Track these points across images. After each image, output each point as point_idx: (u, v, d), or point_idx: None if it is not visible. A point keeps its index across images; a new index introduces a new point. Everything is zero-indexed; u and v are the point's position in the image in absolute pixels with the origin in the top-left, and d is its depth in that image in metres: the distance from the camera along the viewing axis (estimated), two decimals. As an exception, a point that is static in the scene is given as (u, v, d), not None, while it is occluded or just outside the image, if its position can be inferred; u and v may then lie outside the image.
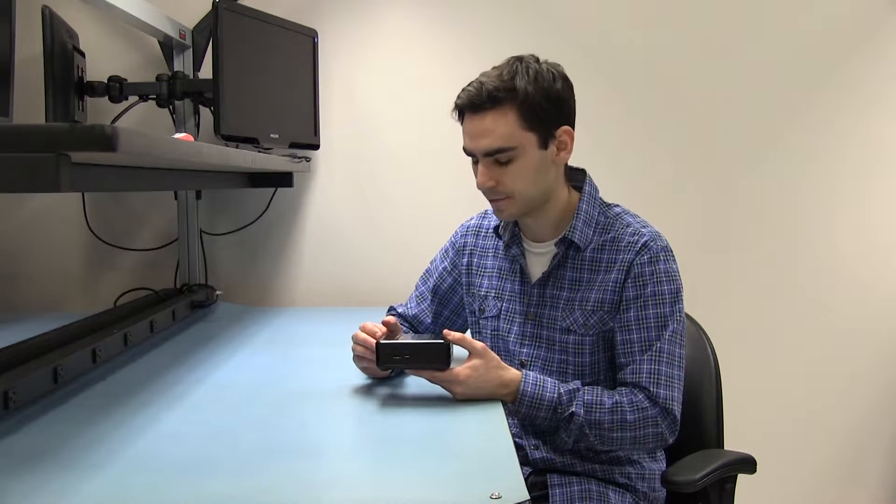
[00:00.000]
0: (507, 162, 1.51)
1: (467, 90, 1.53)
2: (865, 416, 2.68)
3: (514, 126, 1.50)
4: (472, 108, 1.52)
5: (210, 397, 1.52)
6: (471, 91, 1.52)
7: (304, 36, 2.42)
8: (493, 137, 1.50)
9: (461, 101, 1.54)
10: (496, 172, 1.52)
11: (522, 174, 1.52)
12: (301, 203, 2.59)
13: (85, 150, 0.98)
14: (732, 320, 2.55)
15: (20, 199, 2.52)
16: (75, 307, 2.50)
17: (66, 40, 1.99)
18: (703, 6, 2.54)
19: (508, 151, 1.51)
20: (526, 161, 1.52)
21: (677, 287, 1.56)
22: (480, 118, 1.51)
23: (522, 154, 1.51)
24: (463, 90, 1.54)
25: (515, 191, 1.53)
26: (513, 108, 1.49)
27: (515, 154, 1.51)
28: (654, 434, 1.49)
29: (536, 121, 1.51)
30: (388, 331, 1.52)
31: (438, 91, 2.52)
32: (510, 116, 1.49)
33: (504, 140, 1.50)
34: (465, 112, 1.54)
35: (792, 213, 2.61)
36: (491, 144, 1.50)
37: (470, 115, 1.53)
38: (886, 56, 2.56)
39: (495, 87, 1.49)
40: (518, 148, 1.51)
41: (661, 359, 1.51)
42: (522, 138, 1.51)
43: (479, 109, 1.51)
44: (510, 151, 1.51)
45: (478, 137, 1.51)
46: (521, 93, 1.49)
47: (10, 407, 1.33)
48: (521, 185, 1.53)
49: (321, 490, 1.11)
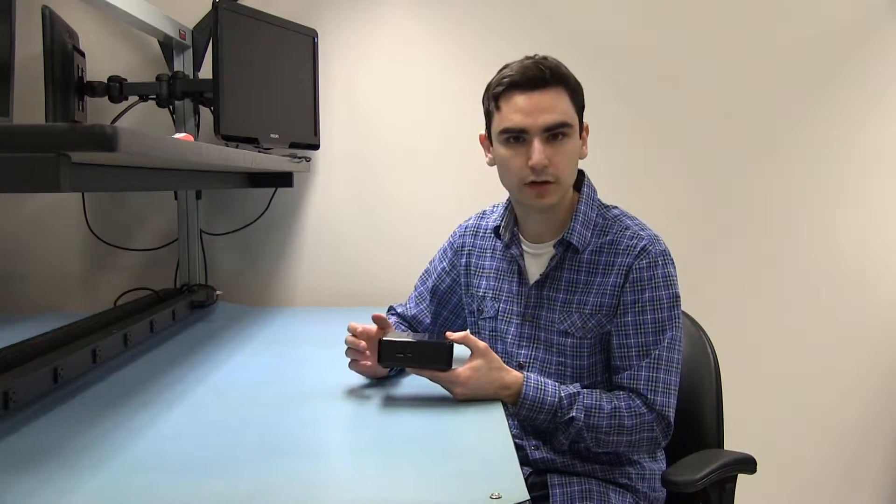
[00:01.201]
0: (561, 141, 1.52)
1: (521, 69, 1.52)
2: (865, 416, 2.68)
3: (569, 106, 1.53)
4: (531, 85, 1.51)
5: (210, 397, 1.52)
6: (528, 68, 1.51)
7: (304, 36, 2.42)
8: (556, 112, 1.51)
9: (516, 78, 1.52)
10: (549, 152, 1.52)
11: (571, 156, 1.55)
12: (301, 203, 2.59)
13: (85, 150, 0.98)
14: (732, 320, 2.55)
15: (20, 199, 2.52)
16: (75, 307, 2.49)
17: (66, 40, 1.99)
18: (703, 6, 2.54)
19: (567, 127, 1.52)
20: (574, 143, 1.55)
21: (675, 292, 1.55)
22: (541, 94, 1.51)
23: (573, 135, 1.54)
24: (509, 71, 1.53)
25: (562, 174, 1.54)
26: (567, 90, 1.54)
27: (570, 132, 1.53)
28: (648, 438, 1.51)
29: (578, 108, 1.56)
30: (380, 328, 1.52)
31: (438, 91, 2.54)
32: (566, 97, 1.53)
33: (566, 116, 1.52)
34: (519, 89, 1.52)
35: (792, 213, 2.61)
36: (556, 118, 1.51)
37: (527, 91, 1.51)
38: (887, 56, 2.56)
39: (555, 66, 1.53)
40: (574, 127, 1.54)
41: (658, 366, 1.51)
42: (574, 119, 1.54)
43: (540, 85, 1.51)
44: (568, 128, 1.52)
45: (538, 113, 1.51)
46: (571, 80, 1.54)
47: (10, 407, 1.33)
48: (568, 169, 1.55)
49: (321, 490, 1.11)
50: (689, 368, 1.70)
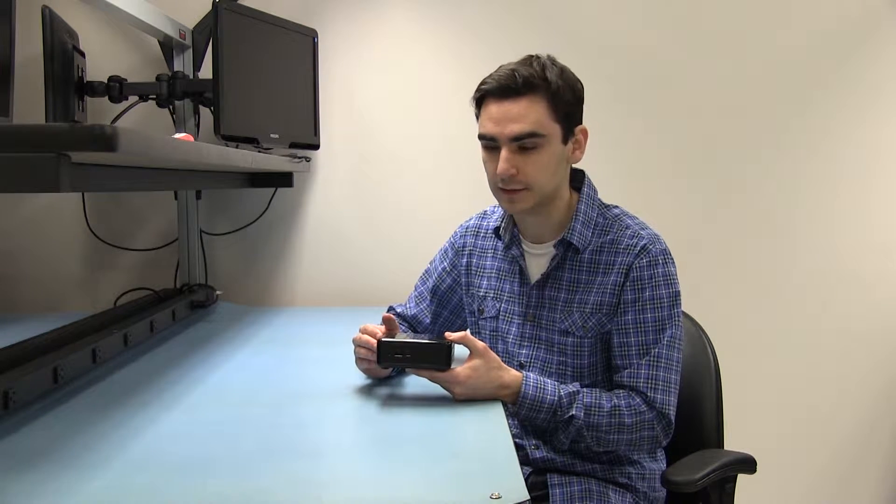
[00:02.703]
0: (532, 150, 1.51)
1: (497, 76, 1.52)
2: (865, 416, 2.68)
3: (544, 114, 1.51)
4: (503, 93, 1.51)
5: (210, 397, 1.52)
6: (502, 76, 1.51)
7: (304, 36, 2.42)
8: (525, 122, 1.50)
9: (490, 85, 1.52)
10: (518, 160, 1.51)
11: (544, 165, 1.53)
12: (301, 203, 2.59)
13: (85, 150, 0.98)
14: (732, 320, 2.55)
15: (20, 199, 2.52)
16: (75, 307, 2.50)
17: (66, 40, 1.99)
18: (703, 6, 2.54)
19: (537, 138, 1.51)
20: (549, 152, 1.52)
21: (676, 291, 1.56)
22: (512, 103, 1.50)
23: (548, 144, 1.52)
24: (489, 77, 1.53)
25: (534, 182, 1.53)
26: (545, 97, 1.51)
27: (542, 142, 1.51)
28: (649, 437, 1.51)
29: (563, 114, 1.53)
30: (387, 329, 1.52)
31: (438, 91, 2.54)
32: (541, 105, 1.51)
33: (536, 125, 1.50)
34: (493, 97, 1.52)
35: (792, 213, 2.61)
36: (523, 129, 1.50)
37: (499, 100, 1.52)
38: (886, 56, 2.56)
39: (530, 73, 1.50)
40: (546, 136, 1.51)
41: (658, 364, 1.51)
42: (551, 128, 1.52)
43: (511, 94, 1.50)
44: (538, 138, 1.51)
45: (507, 122, 1.51)
46: (553, 84, 1.51)
47: (10, 407, 1.33)
48: (541, 176, 1.53)
49: (321, 490, 1.11)
50: (689, 368, 1.70)
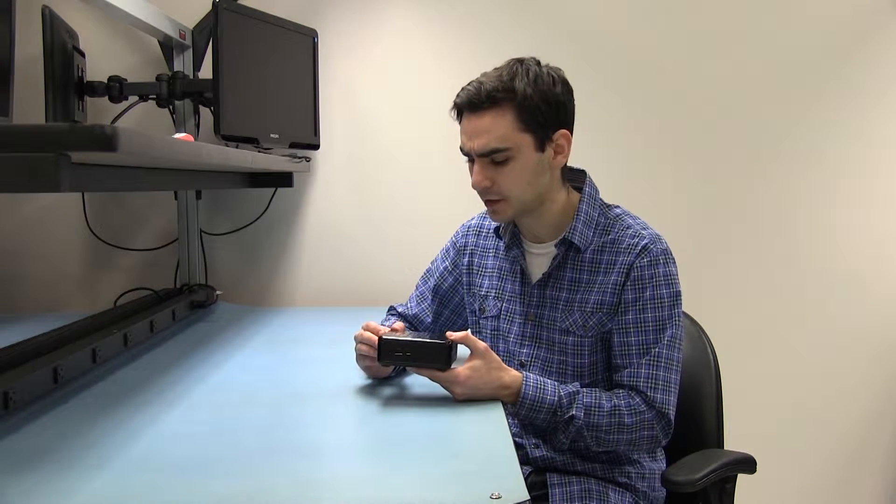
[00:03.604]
0: (503, 163, 1.52)
1: (466, 90, 1.53)
2: (865, 416, 2.68)
3: (510, 127, 1.50)
4: (470, 108, 1.52)
5: (210, 397, 1.52)
6: (470, 90, 1.52)
7: (304, 36, 2.42)
8: (489, 137, 1.50)
9: (460, 100, 1.54)
10: (491, 172, 1.53)
11: (518, 176, 1.52)
12: (301, 203, 2.59)
13: (85, 150, 0.98)
14: (732, 320, 2.55)
15: (20, 199, 2.52)
16: (75, 307, 2.50)
17: (66, 40, 1.99)
18: (704, 6, 2.54)
19: (504, 152, 1.51)
20: (522, 163, 1.52)
21: (676, 291, 1.56)
22: (478, 118, 1.51)
23: (518, 155, 1.52)
24: (462, 89, 1.54)
25: (510, 193, 1.54)
26: (511, 108, 1.49)
27: (511, 155, 1.51)
28: (649, 437, 1.51)
29: (534, 123, 1.51)
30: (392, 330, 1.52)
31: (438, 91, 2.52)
32: (508, 117, 1.50)
33: (500, 140, 1.50)
34: (464, 111, 1.54)
35: (792, 213, 2.61)
36: (487, 144, 1.50)
37: (468, 114, 1.53)
38: (887, 56, 2.56)
39: (494, 87, 1.49)
40: (513, 149, 1.51)
41: (658, 363, 1.51)
42: (519, 139, 1.51)
43: (477, 109, 1.51)
44: (505, 152, 1.51)
45: (474, 137, 1.52)
46: (520, 94, 1.49)
47: (10, 407, 1.33)
48: (515, 187, 1.53)
49: (321, 490, 1.11)
50: (689, 368, 1.70)
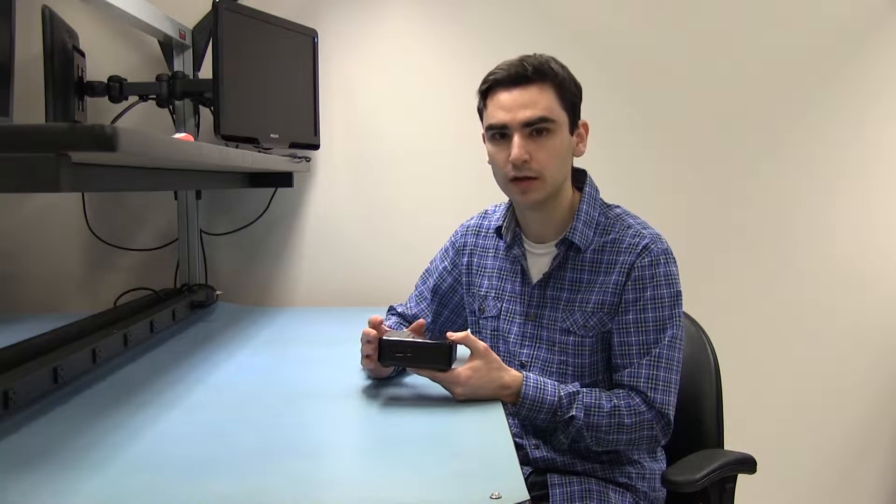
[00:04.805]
0: (544, 136, 1.53)
1: (505, 66, 1.55)
2: (865, 416, 2.68)
3: (554, 101, 1.54)
4: (513, 81, 1.53)
5: (210, 397, 1.52)
6: (512, 66, 1.54)
7: (304, 36, 2.42)
8: (537, 108, 1.52)
9: (499, 75, 1.55)
10: (530, 147, 1.53)
11: (555, 152, 1.54)
12: (301, 203, 2.59)
13: (85, 150, 0.98)
14: (732, 320, 2.55)
15: (20, 199, 2.52)
16: (75, 307, 2.49)
17: (66, 40, 1.99)
18: (704, 6, 2.54)
19: (549, 122, 1.53)
20: (560, 139, 1.55)
21: (677, 291, 1.56)
22: (522, 90, 1.53)
23: (558, 131, 1.54)
24: (497, 68, 1.56)
25: (545, 169, 1.54)
26: (553, 86, 1.54)
27: (554, 128, 1.54)
28: (648, 437, 1.51)
29: (569, 104, 1.56)
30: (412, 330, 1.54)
31: (439, 91, 2.54)
32: (551, 92, 1.54)
33: (548, 111, 1.53)
34: (502, 86, 1.55)
35: (792, 213, 2.61)
36: (535, 114, 1.52)
37: (508, 88, 1.54)
38: (887, 56, 2.56)
39: (538, 62, 1.54)
40: (557, 122, 1.54)
41: (659, 364, 1.52)
42: (560, 115, 1.55)
43: (521, 81, 1.53)
44: (550, 123, 1.53)
45: (518, 109, 1.53)
46: (560, 75, 1.55)
47: (10, 407, 1.33)
48: (552, 164, 1.54)
49: (321, 490, 1.11)
50: (689, 368, 1.70)
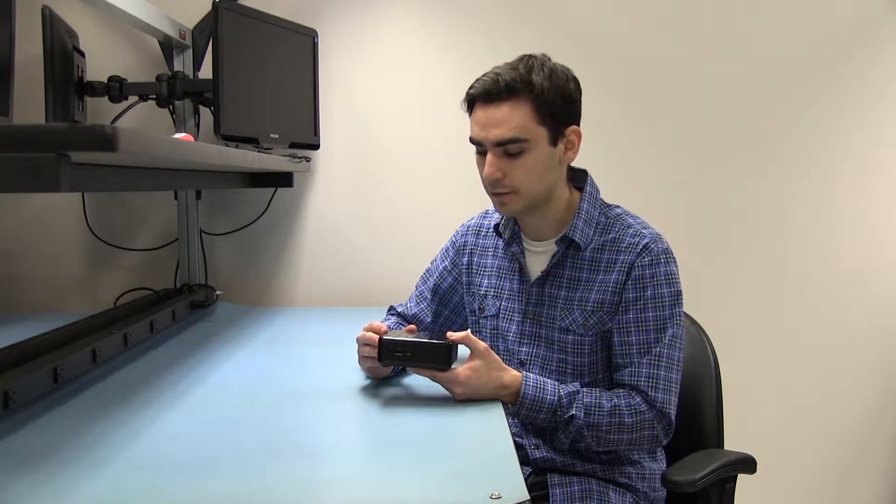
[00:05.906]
0: (517, 155, 1.52)
1: (482, 80, 1.53)
2: (865, 416, 2.68)
3: (528, 119, 1.50)
4: (487, 98, 1.51)
5: (210, 397, 1.52)
6: (486, 81, 1.52)
7: (304, 36, 2.42)
8: (506, 127, 1.50)
9: (476, 90, 1.53)
10: (504, 165, 1.52)
11: (530, 169, 1.52)
12: (301, 203, 2.59)
13: (85, 150, 0.98)
14: (732, 320, 2.55)
15: (20, 199, 2.52)
16: (75, 307, 2.49)
17: (66, 40, 1.99)
18: (704, 6, 2.54)
19: (520, 143, 1.51)
20: (535, 156, 1.52)
21: (677, 290, 1.56)
22: (495, 108, 1.51)
23: (533, 148, 1.52)
24: (477, 81, 1.54)
25: (521, 186, 1.53)
26: (528, 100, 1.50)
27: (526, 147, 1.51)
28: (649, 436, 1.51)
29: (549, 117, 1.52)
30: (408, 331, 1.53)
31: (438, 91, 2.54)
32: (525, 109, 1.50)
33: (517, 131, 1.50)
34: (479, 102, 1.53)
35: (792, 213, 2.61)
36: (504, 134, 1.50)
37: (483, 104, 1.52)
38: (886, 56, 2.56)
39: (512, 78, 1.50)
40: (530, 141, 1.51)
41: (659, 363, 1.51)
42: (535, 132, 1.51)
43: (494, 99, 1.51)
44: (522, 143, 1.51)
45: (490, 127, 1.51)
46: (538, 87, 1.50)
47: (10, 407, 1.33)
48: (527, 180, 1.53)
49: (321, 490, 1.11)
50: (689, 368, 1.70)
